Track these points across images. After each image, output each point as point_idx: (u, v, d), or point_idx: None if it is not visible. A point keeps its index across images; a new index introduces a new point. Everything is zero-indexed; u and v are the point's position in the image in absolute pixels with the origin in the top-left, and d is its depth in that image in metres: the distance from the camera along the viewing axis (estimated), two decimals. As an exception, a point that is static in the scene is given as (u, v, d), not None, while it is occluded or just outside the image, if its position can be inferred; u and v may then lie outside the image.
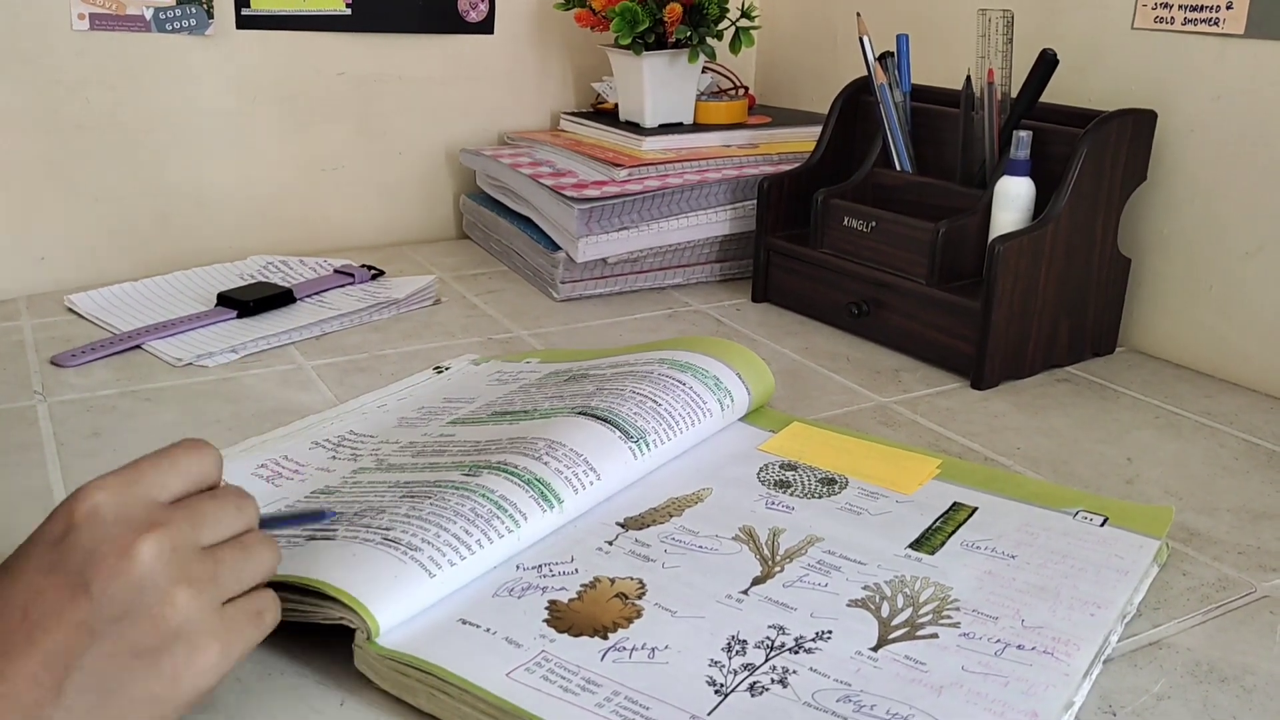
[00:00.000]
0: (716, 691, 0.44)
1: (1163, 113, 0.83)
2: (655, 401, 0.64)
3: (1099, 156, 0.79)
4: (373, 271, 1.00)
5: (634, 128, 1.07)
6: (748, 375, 0.70)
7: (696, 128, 1.08)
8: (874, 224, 0.87)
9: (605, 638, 0.47)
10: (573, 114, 1.17)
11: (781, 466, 0.64)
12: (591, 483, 0.57)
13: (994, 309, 0.77)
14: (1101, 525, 0.57)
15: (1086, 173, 0.78)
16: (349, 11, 1.08)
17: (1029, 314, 0.80)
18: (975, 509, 0.59)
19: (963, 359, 0.81)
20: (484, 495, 0.53)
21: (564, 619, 0.49)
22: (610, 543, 0.55)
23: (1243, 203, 0.81)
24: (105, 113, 1.00)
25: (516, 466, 0.56)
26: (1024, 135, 0.80)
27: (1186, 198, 0.84)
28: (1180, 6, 0.82)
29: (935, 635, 0.48)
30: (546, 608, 0.49)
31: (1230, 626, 0.52)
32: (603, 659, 0.46)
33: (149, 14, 0.99)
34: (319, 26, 1.07)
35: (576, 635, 0.47)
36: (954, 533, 0.57)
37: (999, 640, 0.47)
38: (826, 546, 0.55)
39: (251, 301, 0.90)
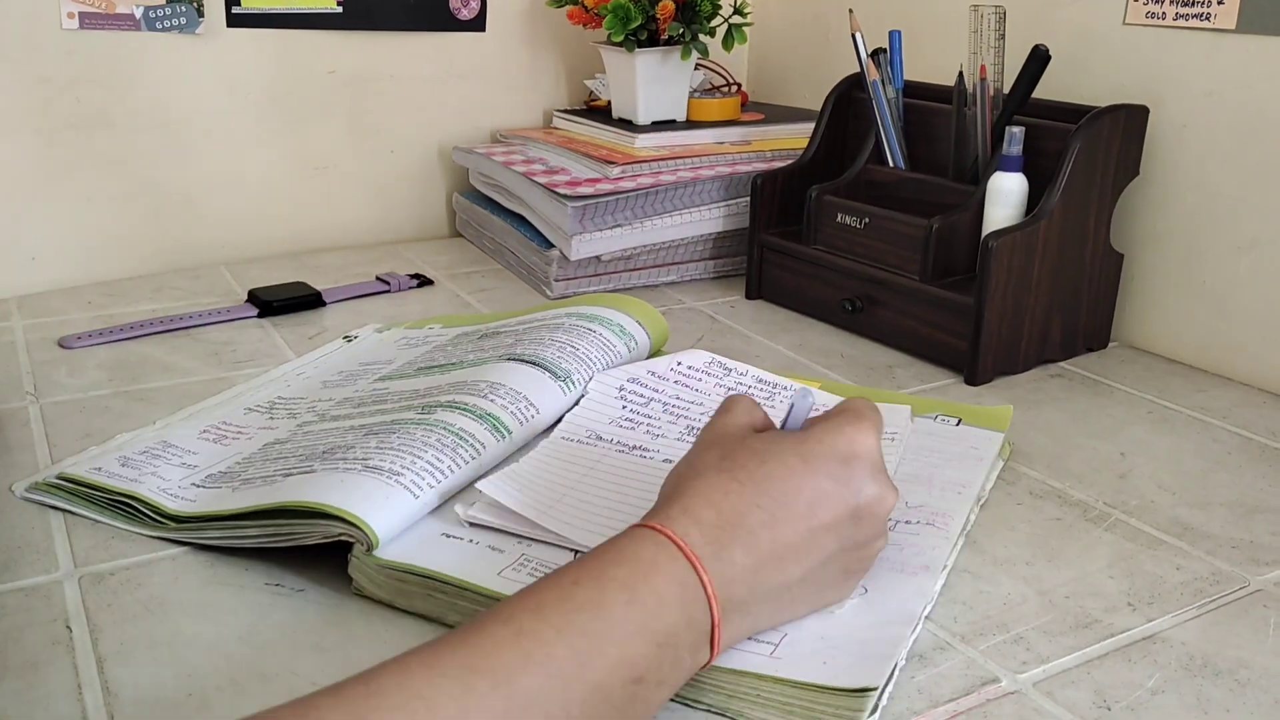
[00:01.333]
0: None
1: (1155, 108, 0.83)
2: (574, 347, 0.71)
3: (1091, 152, 0.79)
4: (417, 280, 1.00)
5: (627, 125, 1.07)
6: (646, 322, 0.77)
7: (689, 125, 1.08)
8: (867, 220, 0.87)
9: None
10: (565, 111, 1.17)
11: None
12: (532, 415, 0.64)
13: (987, 305, 0.77)
14: (957, 425, 0.68)
15: (1079, 168, 0.78)
16: (340, 10, 1.07)
17: (1022, 310, 0.80)
18: None
19: (956, 355, 0.81)
20: (445, 429, 0.59)
21: None
22: None
23: (1235, 197, 0.81)
24: (95, 112, 0.99)
25: (467, 404, 0.62)
26: (1016, 131, 0.80)
27: (1179, 193, 0.85)
28: (1172, 2, 0.82)
29: None
30: None
31: (1224, 620, 0.52)
32: (575, 557, 0.51)
33: (139, 12, 0.98)
34: (310, 25, 1.07)
35: (548, 544, 0.53)
36: None
37: (890, 519, 0.55)
38: None
39: (275, 302, 0.90)
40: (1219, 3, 0.79)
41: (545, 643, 0.35)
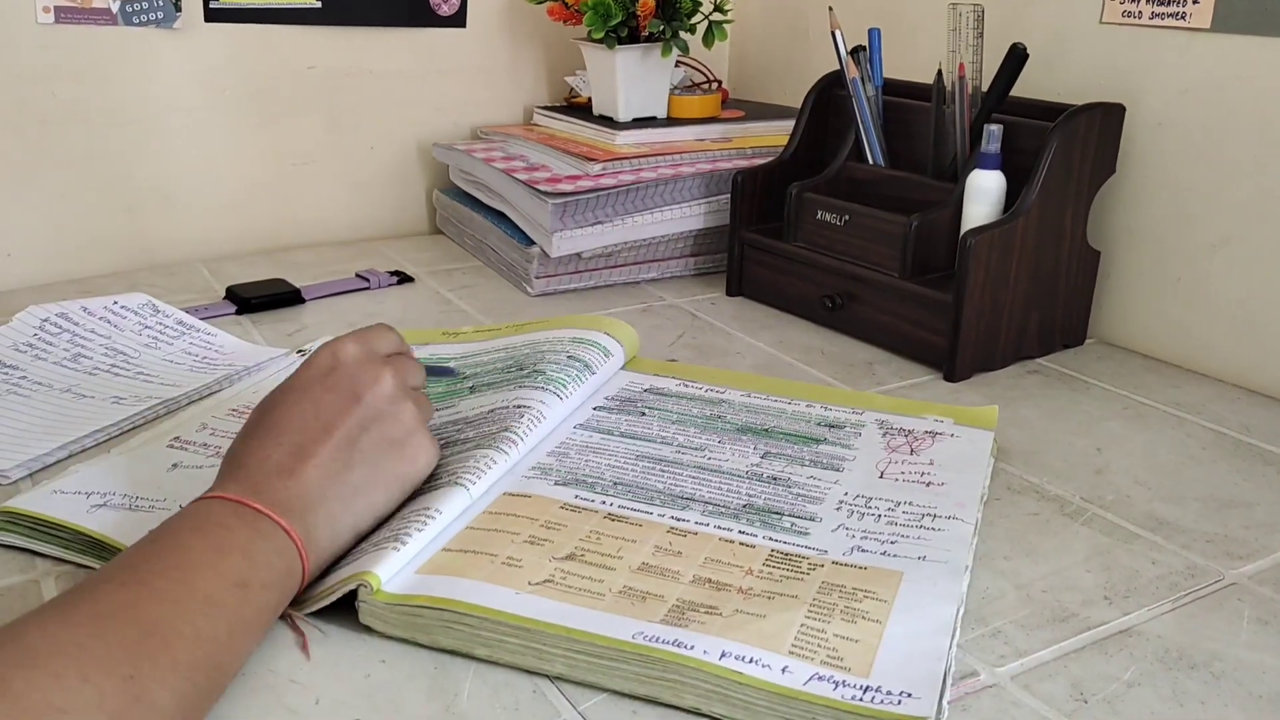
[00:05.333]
0: None
1: (1131, 106, 0.84)
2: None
3: (1068, 150, 0.80)
4: (398, 277, 0.99)
5: (607, 122, 1.07)
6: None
7: (670, 122, 1.08)
8: (847, 217, 0.88)
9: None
10: (546, 108, 1.17)
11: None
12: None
13: (966, 302, 0.78)
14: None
15: (1056, 166, 0.79)
16: (319, 4, 1.07)
17: (1000, 306, 0.80)
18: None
19: (935, 351, 0.81)
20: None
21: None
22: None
23: (1209, 195, 0.82)
24: (71, 107, 0.98)
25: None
26: (995, 129, 0.80)
27: (1154, 190, 0.85)
28: (1148, 1, 0.83)
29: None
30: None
31: (1199, 614, 0.52)
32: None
33: (115, 7, 0.98)
34: (288, 19, 1.06)
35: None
36: None
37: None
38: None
39: (254, 299, 0.89)
40: (1194, 2, 0.80)
41: (146, 582, 0.42)
